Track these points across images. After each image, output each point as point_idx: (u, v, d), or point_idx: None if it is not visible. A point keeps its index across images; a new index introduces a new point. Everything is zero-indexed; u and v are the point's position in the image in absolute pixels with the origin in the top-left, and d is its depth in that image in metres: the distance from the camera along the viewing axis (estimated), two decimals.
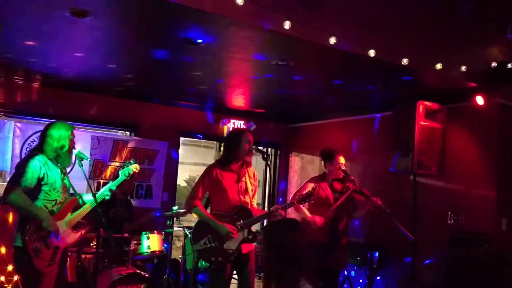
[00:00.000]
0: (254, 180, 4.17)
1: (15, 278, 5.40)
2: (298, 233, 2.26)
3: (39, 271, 3.41)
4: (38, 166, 3.48)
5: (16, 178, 3.43)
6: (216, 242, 3.85)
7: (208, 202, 4.35)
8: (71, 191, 3.79)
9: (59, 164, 3.65)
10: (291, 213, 4.81)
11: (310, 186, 4.89)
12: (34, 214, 3.43)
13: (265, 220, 4.35)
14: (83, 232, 3.79)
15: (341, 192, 4.79)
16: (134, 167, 4.06)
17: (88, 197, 3.76)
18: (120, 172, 4.02)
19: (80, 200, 3.74)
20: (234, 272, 4.08)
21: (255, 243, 4.13)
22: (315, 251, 3.42)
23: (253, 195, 4.16)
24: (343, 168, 5.10)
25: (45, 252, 3.45)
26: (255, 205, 4.23)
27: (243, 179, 4.05)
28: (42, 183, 3.50)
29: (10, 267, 5.50)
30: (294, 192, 4.98)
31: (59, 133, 3.61)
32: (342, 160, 4.89)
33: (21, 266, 3.48)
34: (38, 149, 3.61)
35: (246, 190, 4.05)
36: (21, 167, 3.47)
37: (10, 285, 5.50)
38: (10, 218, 5.63)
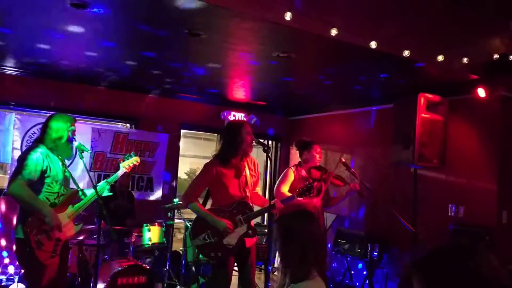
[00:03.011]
0: (255, 171, 4.12)
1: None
2: (313, 224, 2.25)
3: (42, 263, 3.40)
4: (40, 158, 3.45)
5: (19, 171, 3.39)
6: (215, 237, 3.83)
7: (208, 196, 4.35)
8: (72, 183, 3.78)
9: (60, 156, 3.63)
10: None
11: (291, 174, 4.97)
12: (36, 208, 3.40)
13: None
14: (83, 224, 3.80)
15: (320, 179, 4.86)
16: (135, 160, 4.03)
17: (90, 191, 3.74)
18: (120, 164, 4.01)
19: (80, 192, 3.73)
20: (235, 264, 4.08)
21: (256, 236, 4.13)
22: None
23: (255, 184, 4.14)
24: (343, 160, 5.17)
25: (47, 244, 3.44)
26: (260, 193, 4.20)
27: (244, 172, 4.02)
28: (45, 175, 3.48)
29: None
30: (278, 183, 5.01)
31: (57, 125, 3.59)
32: (318, 148, 5.08)
33: (24, 258, 3.46)
34: (39, 141, 3.59)
35: (247, 183, 4.03)
36: (23, 160, 3.43)
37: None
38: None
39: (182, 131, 7.41)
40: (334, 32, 3.78)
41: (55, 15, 3.77)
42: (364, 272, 6.14)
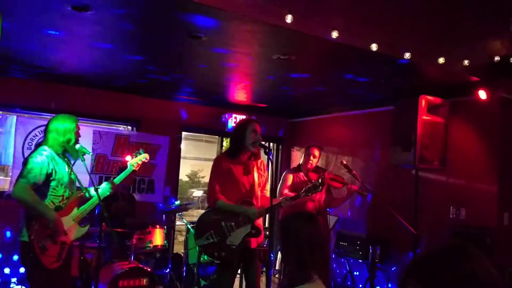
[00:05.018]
0: (263, 171, 4.16)
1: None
2: (313, 227, 2.25)
3: (46, 267, 3.36)
4: (46, 162, 3.42)
5: (25, 174, 3.35)
6: (218, 237, 3.84)
7: None
8: (77, 185, 3.76)
9: (66, 159, 3.60)
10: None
11: (290, 177, 5.12)
12: (41, 213, 3.37)
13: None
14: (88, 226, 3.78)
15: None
16: (143, 157, 4.01)
17: (94, 192, 3.71)
18: (128, 163, 3.98)
19: (87, 194, 3.71)
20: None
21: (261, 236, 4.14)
22: None
23: (264, 185, 4.16)
24: (344, 162, 5.20)
25: (52, 248, 3.40)
26: (268, 195, 4.22)
27: (252, 171, 4.03)
28: (51, 178, 3.45)
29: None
30: (280, 187, 5.10)
31: (64, 126, 3.55)
32: (316, 152, 5.32)
33: (27, 261, 3.42)
34: (45, 144, 3.54)
35: (254, 182, 4.04)
36: (29, 163, 3.39)
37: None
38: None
39: (183, 133, 7.41)
40: (335, 34, 3.78)
41: (56, 18, 3.77)
42: (367, 274, 6.14)
